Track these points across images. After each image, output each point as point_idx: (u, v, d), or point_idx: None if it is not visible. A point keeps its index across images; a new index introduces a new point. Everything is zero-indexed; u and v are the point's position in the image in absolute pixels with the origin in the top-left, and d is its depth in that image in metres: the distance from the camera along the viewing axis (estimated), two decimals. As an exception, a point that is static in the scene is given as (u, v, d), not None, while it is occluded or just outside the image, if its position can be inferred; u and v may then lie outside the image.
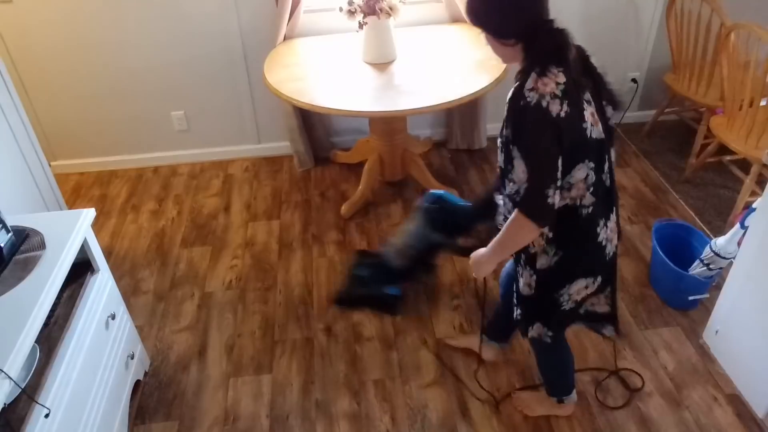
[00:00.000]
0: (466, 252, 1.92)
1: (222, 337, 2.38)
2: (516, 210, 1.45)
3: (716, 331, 2.18)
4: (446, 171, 3.30)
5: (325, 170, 3.36)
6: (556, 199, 1.41)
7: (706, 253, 2.25)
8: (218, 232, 2.94)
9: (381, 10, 2.63)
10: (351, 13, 2.69)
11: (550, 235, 1.54)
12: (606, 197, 1.52)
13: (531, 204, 1.42)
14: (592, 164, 1.44)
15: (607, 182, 1.52)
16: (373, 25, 2.70)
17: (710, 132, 2.84)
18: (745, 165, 2.86)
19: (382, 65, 2.77)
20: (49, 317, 1.69)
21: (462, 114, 3.32)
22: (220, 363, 2.28)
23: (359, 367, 2.24)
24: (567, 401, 2.00)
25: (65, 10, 2.92)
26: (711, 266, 2.25)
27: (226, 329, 2.42)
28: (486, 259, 1.63)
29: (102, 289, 1.93)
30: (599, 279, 1.63)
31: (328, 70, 2.76)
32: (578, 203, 1.48)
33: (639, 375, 2.15)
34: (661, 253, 2.35)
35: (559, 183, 1.40)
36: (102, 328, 1.87)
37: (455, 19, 3.15)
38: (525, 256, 1.63)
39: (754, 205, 2.00)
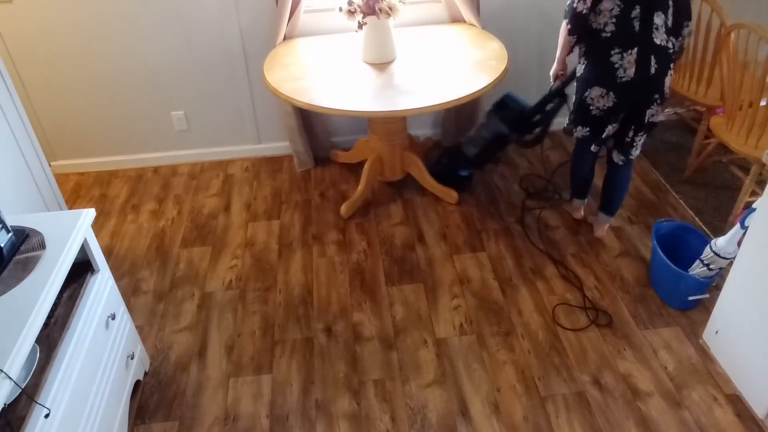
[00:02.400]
0: (527, 144, 2.81)
1: (222, 337, 2.38)
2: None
3: (716, 331, 2.18)
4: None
5: (325, 170, 3.37)
6: (579, 6, 2.14)
7: (706, 253, 2.25)
8: (218, 232, 2.94)
9: (380, 10, 2.63)
10: (350, 13, 2.69)
11: (583, 52, 2.31)
12: (629, 36, 2.14)
13: (567, 9, 2.20)
14: (618, 3, 2.11)
15: (636, 28, 2.13)
16: (373, 25, 2.70)
17: (710, 132, 2.84)
18: (745, 165, 2.87)
19: (381, 65, 2.78)
20: (49, 317, 1.69)
21: (461, 113, 3.31)
22: (220, 363, 2.28)
23: (359, 367, 2.24)
24: (576, 203, 2.83)
25: (65, 10, 2.92)
26: (711, 266, 2.25)
27: (226, 329, 2.42)
28: (557, 56, 2.42)
29: (102, 289, 1.93)
30: (612, 95, 2.24)
31: (328, 70, 2.76)
32: (601, 27, 2.18)
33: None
34: (661, 253, 2.35)
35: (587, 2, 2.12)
36: (102, 328, 1.87)
37: (455, 19, 3.15)
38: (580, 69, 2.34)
39: (754, 205, 2.00)
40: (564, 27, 2.26)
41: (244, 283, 2.63)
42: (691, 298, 2.35)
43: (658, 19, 2.13)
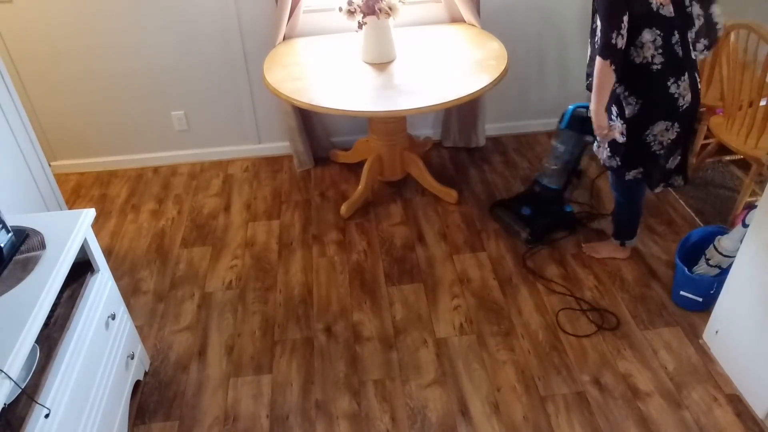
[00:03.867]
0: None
1: (222, 337, 2.38)
2: (597, 57, 2.00)
3: (716, 331, 2.18)
4: (446, 170, 3.30)
5: (324, 170, 3.36)
6: (619, 42, 1.95)
7: (711, 252, 2.26)
8: (218, 232, 2.94)
9: (380, 10, 2.63)
10: (350, 13, 2.69)
11: (628, 91, 2.11)
12: (677, 63, 2.05)
13: (602, 45, 1.97)
14: (659, 32, 1.99)
15: (680, 53, 2.05)
16: (373, 25, 2.70)
17: (710, 132, 2.84)
18: (745, 165, 2.87)
19: (381, 65, 2.78)
20: (49, 317, 1.69)
21: (461, 113, 3.32)
22: (220, 363, 2.28)
23: (359, 367, 2.24)
24: (628, 244, 2.61)
25: (65, 10, 2.92)
26: (711, 262, 2.26)
27: (226, 329, 2.42)
28: (594, 108, 2.15)
29: (102, 289, 1.93)
30: (677, 125, 2.14)
31: (328, 70, 2.76)
32: (650, 61, 2.03)
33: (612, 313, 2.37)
34: (680, 262, 2.32)
35: (623, 32, 1.94)
36: (102, 328, 1.87)
37: (454, 19, 3.15)
38: (617, 111, 2.19)
39: (756, 203, 2.00)
40: (604, 66, 1.99)
41: (244, 283, 2.63)
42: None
43: (690, 34, 2.09)
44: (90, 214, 1.83)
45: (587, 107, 2.45)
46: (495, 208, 2.92)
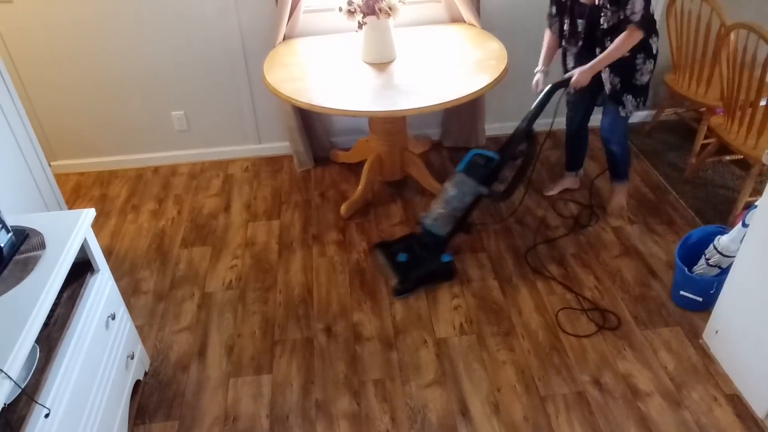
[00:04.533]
0: (504, 196, 2.66)
1: (222, 337, 2.38)
2: (631, 26, 2.25)
3: (716, 331, 2.18)
4: (446, 170, 3.30)
5: (325, 170, 3.37)
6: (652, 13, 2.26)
7: (710, 252, 2.26)
8: (218, 232, 2.94)
9: (380, 10, 2.63)
10: (350, 13, 2.69)
11: (652, 33, 2.37)
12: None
13: (644, 18, 2.23)
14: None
15: (656, 16, 2.35)
16: (373, 25, 2.70)
17: (710, 132, 2.84)
18: (745, 165, 2.87)
19: (381, 65, 2.78)
20: (49, 317, 1.70)
21: (461, 113, 3.32)
22: (220, 363, 2.28)
23: (359, 367, 2.24)
24: (628, 181, 2.89)
25: (65, 10, 2.92)
26: (711, 262, 2.26)
27: (226, 329, 2.42)
28: (589, 70, 2.39)
29: (102, 289, 1.93)
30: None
31: (328, 70, 2.76)
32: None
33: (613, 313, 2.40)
34: (680, 262, 2.33)
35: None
36: (102, 328, 1.87)
37: (455, 19, 3.15)
38: (644, 55, 2.41)
39: (756, 203, 2.00)
40: (637, 37, 2.28)
41: (244, 283, 2.63)
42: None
43: None
44: (90, 214, 1.83)
45: (488, 155, 2.49)
46: (375, 249, 2.71)
